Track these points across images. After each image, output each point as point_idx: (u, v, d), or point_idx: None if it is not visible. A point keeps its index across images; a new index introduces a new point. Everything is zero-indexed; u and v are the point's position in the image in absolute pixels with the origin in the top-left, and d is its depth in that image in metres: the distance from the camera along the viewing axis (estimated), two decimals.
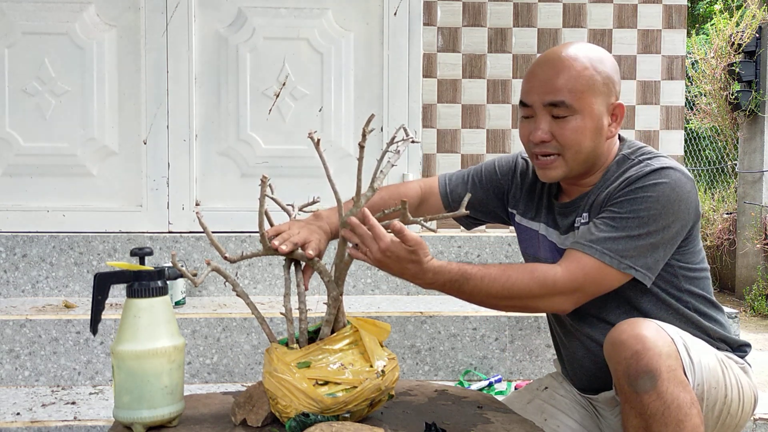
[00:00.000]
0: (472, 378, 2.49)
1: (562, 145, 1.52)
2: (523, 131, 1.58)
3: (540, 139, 1.53)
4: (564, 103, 1.50)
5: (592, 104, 1.50)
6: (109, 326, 2.42)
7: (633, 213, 1.46)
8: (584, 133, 1.51)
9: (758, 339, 3.67)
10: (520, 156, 1.80)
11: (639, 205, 1.46)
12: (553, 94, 1.50)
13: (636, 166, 1.53)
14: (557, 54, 1.54)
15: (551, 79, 1.51)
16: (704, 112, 5.33)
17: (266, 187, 1.25)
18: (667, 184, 1.47)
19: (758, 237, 4.62)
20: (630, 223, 1.46)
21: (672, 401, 1.32)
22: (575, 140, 1.51)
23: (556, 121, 1.51)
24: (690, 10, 9.42)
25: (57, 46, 2.98)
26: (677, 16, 3.29)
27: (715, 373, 1.46)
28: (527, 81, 1.56)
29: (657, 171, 1.48)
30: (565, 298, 1.47)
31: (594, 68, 1.52)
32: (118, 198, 3.02)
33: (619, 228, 1.46)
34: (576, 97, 1.49)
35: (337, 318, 1.35)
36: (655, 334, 1.36)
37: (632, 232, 1.46)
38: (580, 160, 1.54)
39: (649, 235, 1.46)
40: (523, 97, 1.57)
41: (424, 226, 1.30)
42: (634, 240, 1.45)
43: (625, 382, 1.35)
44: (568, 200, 1.63)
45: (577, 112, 1.50)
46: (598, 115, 1.52)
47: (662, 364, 1.33)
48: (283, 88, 3.05)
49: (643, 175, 1.49)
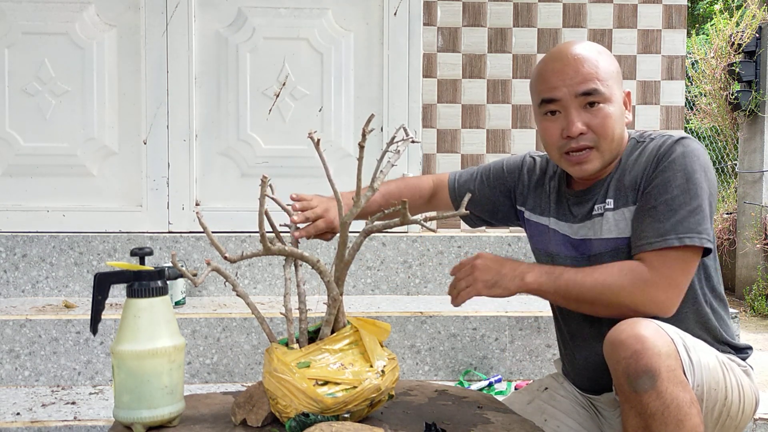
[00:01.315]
0: (472, 378, 2.49)
1: (599, 135, 1.52)
2: (552, 130, 1.56)
3: (578, 131, 1.51)
4: (597, 91, 1.50)
5: (615, 91, 1.53)
6: (109, 326, 2.42)
7: (680, 188, 1.46)
8: (615, 119, 1.52)
9: (758, 339, 3.67)
10: (528, 155, 1.80)
11: (681, 179, 1.47)
12: (585, 84, 1.50)
13: (653, 142, 1.54)
14: (571, 49, 1.55)
15: (579, 69, 1.51)
16: (704, 112, 5.33)
17: (266, 187, 1.25)
18: (694, 151, 1.49)
19: (758, 237, 4.62)
20: (684, 199, 1.46)
21: (671, 401, 1.32)
22: (610, 127, 1.52)
23: (588, 111, 1.52)
24: (690, 10, 9.42)
25: (57, 46, 2.98)
26: (677, 16, 3.29)
27: (716, 374, 1.46)
28: (549, 77, 1.54)
29: (679, 141, 1.50)
30: (660, 291, 1.45)
31: (608, 57, 1.56)
32: (118, 198, 3.02)
33: (678, 207, 1.46)
34: (605, 84, 1.51)
35: (337, 318, 1.35)
36: (655, 334, 1.36)
37: (690, 205, 1.46)
38: (612, 148, 1.54)
39: (702, 202, 1.47)
40: (548, 93, 1.54)
41: (423, 225, 1.29)
42: (695, 213, 1.46)
43: (624, 381, 1.35)
44: (583, 188, 1.63)
45: (607, 99, 1.51)
46: (620, 101, 1.55)
47: (662, 363, 1.33)
48: (283, 88, 3.05)
49: (669, 149, 1.50)
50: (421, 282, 2.92)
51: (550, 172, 1.73)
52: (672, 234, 1.45)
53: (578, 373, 1.69)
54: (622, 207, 1.54)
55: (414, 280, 2.92)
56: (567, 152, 1.55)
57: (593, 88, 1.50)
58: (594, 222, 1.58)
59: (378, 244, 2.90)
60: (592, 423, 1.69)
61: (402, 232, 2.94)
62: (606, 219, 1.55)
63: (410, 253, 2.91)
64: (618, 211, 1.54)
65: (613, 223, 1.54)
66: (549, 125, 1.56)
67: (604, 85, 1.51)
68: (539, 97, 1.57)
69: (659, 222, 1.46)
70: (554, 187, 1.70)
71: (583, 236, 1.59)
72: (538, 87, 1.57)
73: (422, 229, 2.90)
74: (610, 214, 1.55)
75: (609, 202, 1.56)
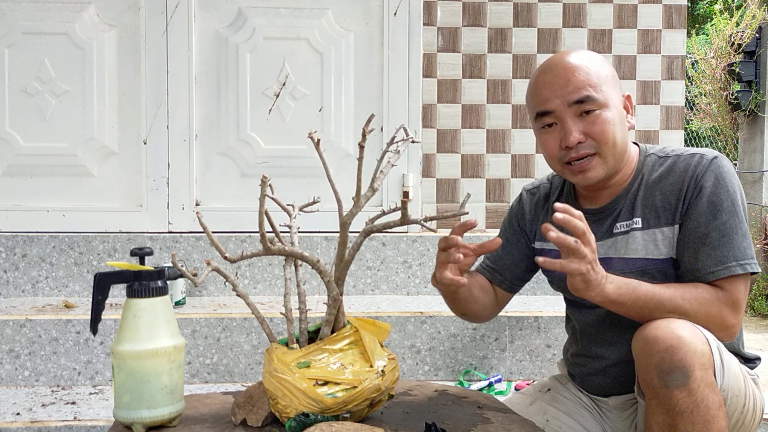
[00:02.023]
0: (472, 378, 2.49)
1: (598, 141, 1.50)
2: (551, 142, 1.54)
3: (576, 141, 1.49)
4: (590, 98, 1.48)
5: (612, 96, 1.51)
6: (109, 326, 2.42)
7: (728, 213, 1.46)
8: (614, 124, 1.50)
9: (758, 339, 3.67)
10: (524, 189, 1.78)
11: (728, 202, 1.46)
12: (577, 92, 1.49)
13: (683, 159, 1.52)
14: (560, 59, 1.53)
15: (569, 79, 1.50)
16: (704, 112, 5.34)
17: (266, 187, 1.25)
18: (730, 170, 1.49)
19: (758, 237, 4.62)
20: (734, 223, 1.46)
21: (702, 400, 1.31)
22: (609, 132, 1.49)
23: (584, 119, 1.50)
24: (690, 10, 9.42)
25: (57, 46, 2.98)
26: (677, 16, 3.29)
27: (738, 381, 1.45)
28: (541, 90, 1.53)
29: (714, 161, 1.49)
30: (730, 317, 1.44)
31: (602, 63, 1.54)
32: (118, 198, 3.02)
33: (731, 232, 1.46)
34: (598, 90, 1.49)
35: (337, 318, 1.35)
36: (691, 332, 1.35)
37: (741, 229, 1.46)
38: (616, 153, 1.52)
39: (742, 223, 1.48)
40: (541, 107, 1.53)
41: (423, 226, 1.29)
42: (746, 237, 1.47)
43: (656, 376, 1.33)
44: (597, 206, 1.60)
45: (603, 105, 1.49)
46: (619, 105, 1.53)
47: (696, 361, 1.31)
48: (283, 88, 3.05)
49: (706, 169, 1.48)
50: (421, 282, 2.92)
51: (555, 193, 1.70)
52: (732, 261, 1.44)
53: (588, 378, 1.69)
54: (654, 227, 1.51)
55: (414, 280, 2.92)
56: (568, 162, 1.52)
57: (586, 96, 1.48)
58: (617, 240, 1.55)
59: (378, 244, 2.90)
60: (595, 424, 1.68)
61: (402, 232, 2.94)
62: (633, 238, 1.52)
63: (410, 253, 2.92)
64: (649, 231, 1.51)
65: (642, 244, 1.51)
66: (547, 138, 1.54)
67: (597, 91, 1.49)
68: (534, 111, 1.55)
69: (716, 250, 1.45)
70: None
71: (602, 255, 1.54)
72: (532, 101, 1.56)
73: (422, 229, 2.90)
74: (639, 233, 1.52)
75: (637, 221, 1.53)
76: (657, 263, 1.50)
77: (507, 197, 3.24)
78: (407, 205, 1.30)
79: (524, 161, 3.24)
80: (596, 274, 1.35)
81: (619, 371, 1.59)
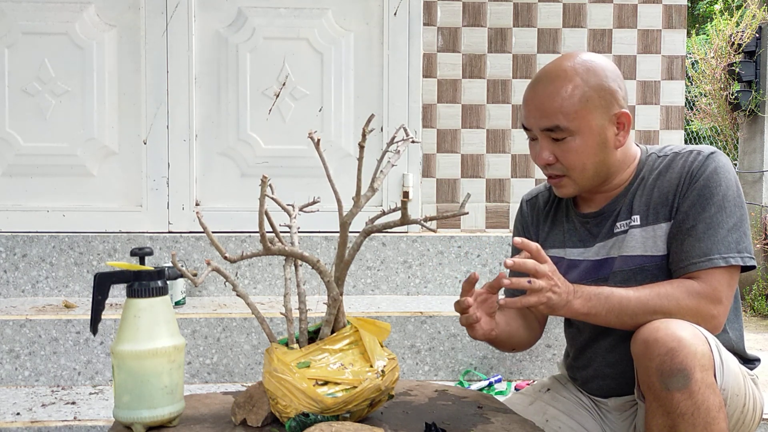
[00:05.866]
0: (472, 378, 2.49)
1: (566, 167, 1.53)
2: (532, 153, 1.60)
3: (545, 162, 1.54)
4: (559, 127, 1.49)
5: (589, 121, 1.49)
6: (109, 326, 2.42)
7: (717, 206, 1.46)
8: (585, 151, 1.51)
9: (758, 339, 3.67)
10: (523, 200, 1.80)
11: (718, 196, 1.46)
12: (547, 119, 1.50)
13: (681, 157, 1.53)
14: (549, 75, 1.53)
15: (543, 103, 1.51)
16: (704, 112, 5.34)
17: (266, 187, 1.25)
18: (726, 166, 1.49)
19: (758, 237, 4.61)
20: (721, 217, 1.46)
21: (702, 402, 1.31)
22: (578, 161, 1.51)
23: (556, 144, 1.52)
24: (690, 10, 9.42)
25: (57, 46, 2.98)
26: (677, 16, 3.29)
27: (738, 381, 1.45)
28: (525, 105, 1.56)
29: (710, 157, 1.49)
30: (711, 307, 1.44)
31: (586, 84, 1.49)
32: (118, 198, 3.02)
33: (717, 225, 1.45)
34: (570, 118, 1.48)
35: (337, 318, 1.35)
36: (691, 333, 1.35)
37: (728, 223, 1.46)
38: (588, 176, 1.54)
39: (739, 218, 1.47)
40: (524, 121, 1.58)
41: (423, 226, 1.29)
42: (734, 230, 1.46)
43: (656, 379, 1.33)
44: (596, 209, 1.61)
45: (574, 133, 1.49)
46: (599, 129, 1.50)
47: (697, 363, 1.31)
48: (283, 88, 3.05)
49: (701, 165, 1.49)
50: (421, 282, 2.92)
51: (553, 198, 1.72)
52: (715, 254, 1.45)
53: (588, 380, 1.69)
54: (652, 224, 1.52)
55: (414, 280, 2.92)
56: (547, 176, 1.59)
57: (555, 125, 1.49)
58: (617, 239, 1.55)
59: (378, 244, 2.90)
60: (594, 424, 1.69)
61: (402, 232, 2.94)
62: (631, 235, 1.53)
63: (410, 253, 2.91)
64: (647, 227, 1.52)
65: (640, 240, 1.52)
66: (530, 147, 1.60)
67: (570, 119, 1.48)
68: (521, 121, 1.60)
69: (700, 242, 1.45)
70: (563, 215, 1.68)
71: (605, 255, 1.56)
72: (522, 109, 1.59)
73: (422, 229, 2.90)
74: (637, 230, 1.53)
75: (635, 218, 1.54)
76: (655, 260, 1.51)
77: (507, 197, 3.25)
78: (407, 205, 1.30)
79: (524, 161, 3.24)
80: (558, 296, 1.40)
81: (618, 373, 1.59)
